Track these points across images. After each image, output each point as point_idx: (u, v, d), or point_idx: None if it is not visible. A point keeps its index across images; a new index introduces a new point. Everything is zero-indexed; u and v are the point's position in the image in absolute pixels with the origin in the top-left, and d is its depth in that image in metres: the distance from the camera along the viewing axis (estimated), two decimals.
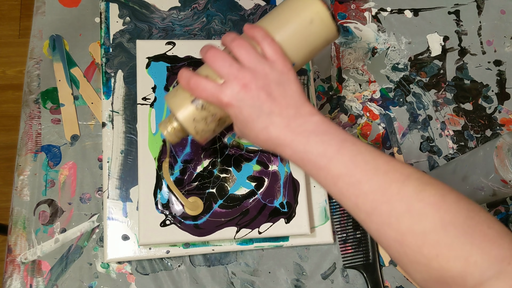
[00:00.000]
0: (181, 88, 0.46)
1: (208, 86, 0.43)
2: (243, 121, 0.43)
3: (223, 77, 0.43)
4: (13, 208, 0.55)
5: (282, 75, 0.44)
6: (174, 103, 0.45)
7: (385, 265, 0.59)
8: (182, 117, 0.45)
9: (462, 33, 0.71)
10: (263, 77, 0.43)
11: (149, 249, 0.54)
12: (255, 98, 0.42)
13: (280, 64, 0.44)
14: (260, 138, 0.43)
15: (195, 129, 0.45)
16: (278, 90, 0.43)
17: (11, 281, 0.52)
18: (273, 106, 0.42)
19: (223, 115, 0.45)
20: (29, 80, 0.59)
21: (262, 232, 0.55)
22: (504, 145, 0.49)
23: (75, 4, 0.63)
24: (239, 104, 0.43)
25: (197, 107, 0.44)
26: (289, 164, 0.58)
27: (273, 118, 0.42)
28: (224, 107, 0.43)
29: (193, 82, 0.44)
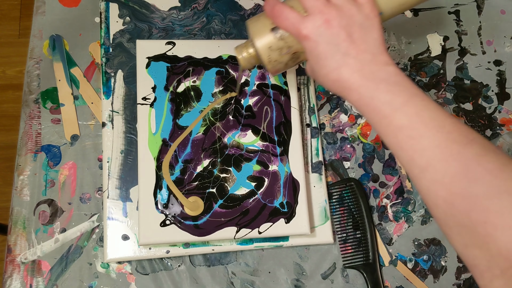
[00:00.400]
0: (263, 15, 0.46)
1: (290, 16, 0.43)
2: (316, 56, 0.43)
3: (308, 9, 0.43)
4: (13, 208, 0.55)
5: (367, 20, 0.43)
6: (254, 28, 0.46)
7: (385, 265, 0.59)
8: (259, 43, 0.45)
9: (462, 33, 0.71)
10: (348, 17, 0.42)
11: (149, 249, 0.54)
12: (335, 35, 0.42)
13: (367, 8, 0.43)
14: (330, 77, 0.43)
15: (269, 57, 0.45)
16: (360, 33, 0.43)
17: (11, 281, 0.52)
18: (350, 48, 0.42)
19: (299, 50, 0.45)
20: (29, 80, 0.59)
21: (262, 232, 0.55)
22: (504, 145, 0.49)
23: (75, 4, 0.63)
24: (317, 39, 0.42)
25: (275, 36, 0.45)
26: (289, 164, 0.58)
27: (348, 59, 0.42)
28: (301, 39, 0.43)
29: (277, 9, 0.44)
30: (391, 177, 0.62)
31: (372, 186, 0.62)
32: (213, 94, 0.59)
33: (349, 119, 0.64)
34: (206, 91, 0.59)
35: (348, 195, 0.60)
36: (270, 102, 0.60)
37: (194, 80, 0.59)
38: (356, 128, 0.64)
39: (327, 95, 0.65)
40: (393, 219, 0.61)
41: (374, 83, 0.42)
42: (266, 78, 0.61)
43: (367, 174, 0.62)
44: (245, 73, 0.61)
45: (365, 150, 0.63)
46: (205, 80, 0.60)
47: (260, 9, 0.66)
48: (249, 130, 0.58)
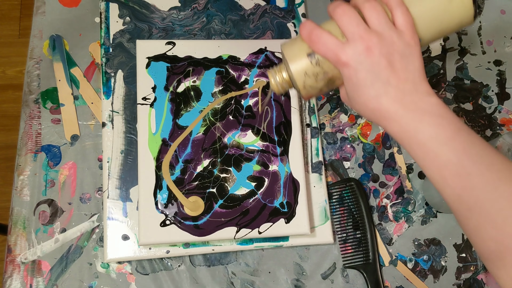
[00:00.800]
0: (299, 39, 0.45)
1: (329, 41, 0.42)
2: (355, 84, 0.42)
3: (348, 35, 0.42)
4: (13, 208, 0.55)
5: (408, 48, 0.42)
6: (290, 53, 0.44)
7: (385, 265, 0.59)
8: (295, 68, 0.44)
9: (462, 33, 0.71)
10: (389, 44, 0.41)
11: (149, 249, 0.54)
12: (375, 63, 0.41)
13: (408, 35, 0.42)
14: (369, 106, 0.42)
15: (304, 83, 0.44)
16: (401, 61, 0.41)
17: (11, 281, 0.52)
18: (391, 76, 0.41)
19: (335, 75, 0.44)
20: (29, 80, 0.59)
21: (262, 232, 0.55)
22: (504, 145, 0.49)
23: (75, 4, 0.63)
24: (357, 66, 0.41)
25: (311, 61, 0.43)
26: (289, 164, 0.58)
27: (388, 88, 0.41)
28: (340, 66, 0.42)
29: (315, 34, 0.42)
30: (391, 177, 0.62)
31: (372, 186, 0.62)
32: (213, 94, 0.59)
33: (349, 119, 0.64)
34: (206, 91, 0.59)
35: (348, 195, 0.60)
36: (271, 102, 0.60)
37: (194, 80, 0.59)
38: (356, 128, 0.64)
39: (327, 95, 0.65)
40: (393, 219, 0.61)
41: (418, 114, 0.40)
42: (268, 78, 0.61)
43: (367, 174, 0.62)
44: (244, 72, 0.61)
45: (365, 150, 0.63)
46: (205, 80, 0.60)
47: (260, 9, 0.66)
48: (249, 130, 0.58)
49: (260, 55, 0.62)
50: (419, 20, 0.44)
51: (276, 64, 0.50)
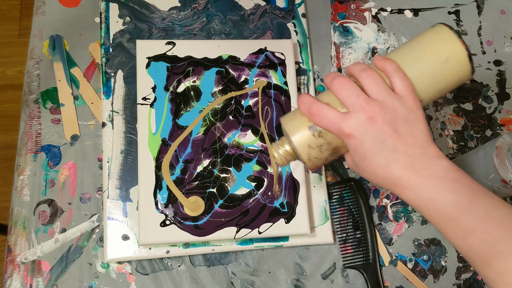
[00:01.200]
0: (299, 112, 0.44)
1: (330, 114, 0.41)
2: (362, 154, 0.41)
3: (349, 107, 0.41)
4: (13, 208, 0.55)
5: (411, 112, 0.41)
6: (291, 127, 0.44)
7: (385, 265, 0.59)
8: (297, 142, 0.43)
9: (462, 33, 0.71)
10: (391, 111, 0.41)
11: (149, 249, 0.54)
12: (380, 132, 0.40)
13: (409, 100, 0.41)
14: (379, 175, 0.41)
15: (308, 155, 0.43)
16: (405, 127, 0.41)
17: (11, 281, 0.52)
18: (398, 143, 0.40)
19: (339, 145, 0.43)
20: (29, 80, 0.59)
21: (262, 232, 0.55)
22: (504, 145, 0.49)
23: (75, 4, 0.63)
24: (362, 137, 0.40)
25: (313, 134, 0.43)
26: (290, 164, 0.58)
27: (397, 155, 0.40)
28: (344, 137, 0.41)
29: (315, 108, 0.42)
30: None
31: (372, 186, 0.62)
32: (213, 94, 0.59)
33: None
34: (205, 91, 0.59)
35: (348, 195, 0.60)
36: (271, 102, 0.60)
37: (194, 80, 0.59)
38: None
39: None
40: (393, 219, 0.61)
41: (432, 181, 0.39)
42: (268, 78, 0.61)
43: None
44: (244, 72, 0.61)
45: None
46: (205, 80, 0.60)
47: (260, 9, 0.66)
48: (249, 130, 0.59)
49: (260, 55, 0.62)
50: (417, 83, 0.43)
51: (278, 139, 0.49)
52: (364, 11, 0.70)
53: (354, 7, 0.70)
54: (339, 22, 0.69)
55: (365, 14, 0.70)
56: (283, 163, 0.46)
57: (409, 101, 0.41)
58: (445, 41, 0.42)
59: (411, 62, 0.43)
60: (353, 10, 0.70)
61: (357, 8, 0.70)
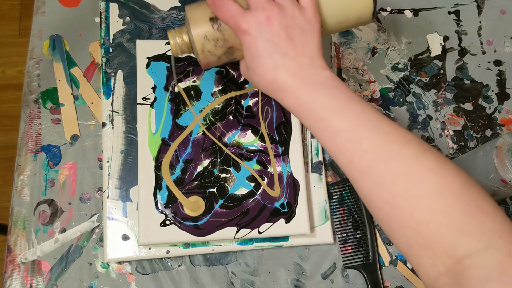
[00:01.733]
0: (204, 4, 0.45)
1: (232, 8, 0.42)
2: (254, 53, 0.42)
3: (251, 4, 0.43)
4: (13, 208, 0.55)
5: (308, 24, 0.43)
6: (192, 15, 0.45)
7: (385, 265, 0.59)
8: (195, 30, 0.44)
9: (462, 33, 0.71)
10: (290, 18, 0.42)
11: (149, 249, 0.54)
12: (275, 34, 0.42)
13: (310, 12, 0.43)
14: (266, 77, 0.43)
15: (203, 46, 0.44)
16: (300, 36, 0.42)
17: (11, 281, 0.52)
18: (289, 49, 0.42)
19: (235, 45, 0.45)
20: (29, 80, 0.59)
21: (262, 232, 0.55)
22: (504, 145, 0.49)
23: (75, 4, 0.63)
24: (257, 35, 0.42)
25: (213, 26, 0.44)
26: (290, 164, 0.58)
27: (286, 60, 0.42)
28: (240, 33, 0.42)
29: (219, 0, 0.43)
30: None
31: None
32: (213, 94, 0.59)
33: None
34: (205, 91, 0.59)
35: (348, 195, 0.60)
36: (271, 102, 0.60)
37: (194, 80, 0.59)
38: None
39: None
40: None
41: (312, 86, 0.41)
42: None
43: None
44: None
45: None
46: (204, 79, 0.60)
47: None
48: (249, 130, 0.59)
49: None
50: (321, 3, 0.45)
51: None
52: None
53: None
54: None
55: None
56: (177, 52, 0.47)
57: (309, 13, 0.43)
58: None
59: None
60: None
61: None
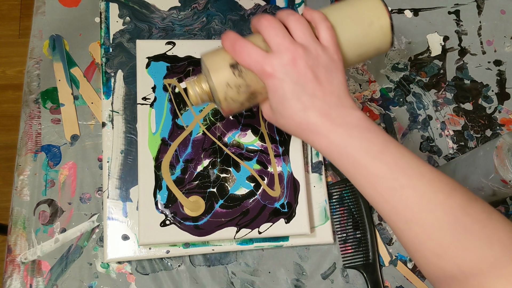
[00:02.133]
0: (222, 50, 0.43)
1: (253, 52, 0.41)
2: (281, 96, 0.41)
3: (273, 46, 0.41)
4: (13, 208, 0.55)
5: (332, 62, 0.42)
6: (212, 62, 0.43)
7: (385, 265, 0.59)
8: (216, 78, 0.42)
9: (462, 33, 0.71)
10: (314, 57, 0.41)
11: (149, 249, 0.54)
12: (302, 75, 0.40)
13: (332, 50, 0.42)
14: (295, 119, 0.41)
15: (225, 94, 0.42)
16: (326, 75, 0.41)
17: (11, 281, 0.52)
18: (317, 89, 0.40)
19: (257, 89, 0.43)
20: (29, 80, 0.59)
21: (262, 232, 0.55)
22: (504, 145, 0.49)
23: (75, 4, 0.63)
24: (283, 77, 0.40)
25: (234, 72, 0.42)
26: (291, 164, 0.58)
27: (315, 101, 0.40)
28: (265, 77, 0.41)
29: (239, 45, 0.41)
30: None
31: None
32: None
33: None
34: None
35: (348, 195, 0.60)
36: None
37: None
38: None
39: None
40: None
41: (345, 129, 0.40)
42: None
43: None
44: None
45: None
46: None
47: (260, 9, 0.66)
48: (249, 130, 0.59)
49: None
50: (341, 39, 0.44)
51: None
52: None
53: None
54: None
55: None
56: (197, 102, 0.45)
57: (331, 51, 0.42)
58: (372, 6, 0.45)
59: (338, 19, 0.44)
60: None
61: None
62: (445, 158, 0.65)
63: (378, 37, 0.45)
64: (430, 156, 0.65)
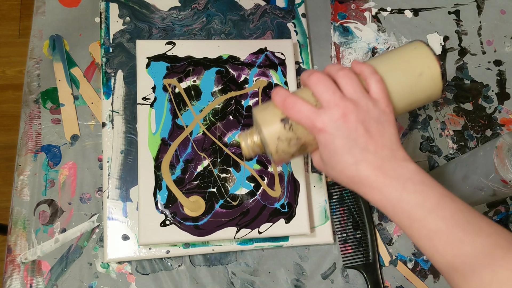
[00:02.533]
0: (272, 104, 0.44)
1: (304, 108, 0.42)
2: (332, 150, 0.41)
3: (323, 103, 0.41)
4: (13, 208, 0.55)
5: (383, 115, 0.42)
6: (263, 117, 0.44)
7: (385, 265, 0.59)
8: (268, 133, 0.43)
9: (462, 33, 0.71)
10: (365, 111, 0.41)
11: (149, 249, 0.54)
12: (353, 129, 0.40)
13: (383, 103, 0.42)
14: (346, 173, 0.41)
15: (277, 147, 0.44)
16: (377, 128, 0.41)
17: (11, 281, 0.52)
18: (368, 143, 0.40)
19: (308, 141, 0.44)
20: (29, 80, 0.59)
21: (262, 232, 0.55)
22: (504, 145, 0.49)
23: (75, 4, 0.63)
24: (334, 132, 0.40)
25: (285, 127, 0.43)
26: (291, 164, 0.58)
27: (367, 155, 0.40)
28: (316, 132, 0.41)
29: (290, 101, 0.42)
30: None
31: None
32: (213, 93, 0.59)
33: None
34: (205, 91, 0.59)
35: (348, 195, 0.60)
36: None
37: (194, 79, 0.59)
38: None
39: None
40: None
41: (399, 182, 0.39)
42: (269, 77, 0.61)
43: None
44: (244, 71, 0.61)
45: None
46: (204, 79, 0.60)
47: (260, 9, 0.66)
48: None
49: (260, 55, 0.62)
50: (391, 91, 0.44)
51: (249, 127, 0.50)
52: (364, 11, 0.70)
53: (354, 7, 0.70)
54: (339, 22, 0.69)
55: (365, 14, 0.70)
56: (249, 154, 0.46)
57: (382, 104, 0.42)
58: (421, 56, 0.44)
59: (388, 71, 0.44)
60: (353, 10, 0.70)
61: (357, 8, 0.70)
62: (445, 158, 0.65)
63: (429, 86, 0.45)
64: (430, 156, 0.65)
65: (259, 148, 0.46)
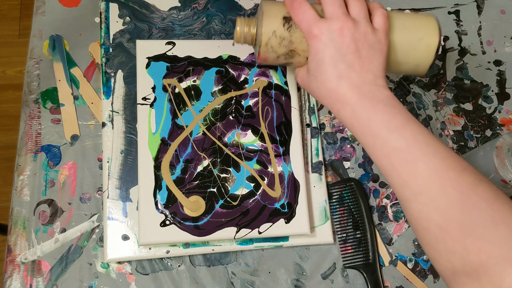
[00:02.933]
0: (282, 3, 0.47)
1: (308, 12, 0.44)
2: (320, 60, 0.43)
3: (327, 13, 0.44)
4: (13, 208, 0.55)
5: (378, 43, 0.44)
6: (268, 9, 0.46)
7: (385, 265, 0.59)
8: (267, 23, 0.45)
9: (462, 33, 0.71)
10: (362, 33, 0.43)
11: (149, 249, 0.54)
12: (345, 45, 0.42)
13: (381, 34, 0.44)
14: (327, 85, 0.43)
15: (268, 40, 0.46)
16: (368, 52, 0.43)
17: (11, 281, 0.52)
18: (356, 62, 0.43)
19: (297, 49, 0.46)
20: (29, 80, 0.59)
21: (262, 232, 0.55)
22: (504, 145, 0.49)
23: (75, 4, 0.63)
24: (327, 42, 0.43)
25: (284, 25, 0.45)
26: (291, 164, 0.58)
27: (351, 72, 0.42)
28: (310, 37, 0.43)
29: (298, 2, 0.44)
30: None
31: (372, 186, 0.62)
32: (213, 93, 0.59)
33: None
34: (205, 91, 0.59)
35: (348, 195, 0.60)
36: (271, 103, 0.60)
37: (194, 79, 0.59)
38: None
39: None
40: (393, 219, 0.61)
41: (371, 103, 0.42)
42: (269, 77, 0.61)
43: (367, 174, 0.62)
44: (244, 71, 0.61)
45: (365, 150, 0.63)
46: (204, 79, 0.60)
47: None
48: (249, 130, 0.59)
49: None
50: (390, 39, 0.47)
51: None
52: None
53: None
54: None
55: None
56: (239, 40, 0.49)
57: (380, 34, 0.44)
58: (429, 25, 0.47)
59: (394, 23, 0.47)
60: None
61: None
62: None
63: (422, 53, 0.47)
64: None
65: (251, 39, 0.48)
